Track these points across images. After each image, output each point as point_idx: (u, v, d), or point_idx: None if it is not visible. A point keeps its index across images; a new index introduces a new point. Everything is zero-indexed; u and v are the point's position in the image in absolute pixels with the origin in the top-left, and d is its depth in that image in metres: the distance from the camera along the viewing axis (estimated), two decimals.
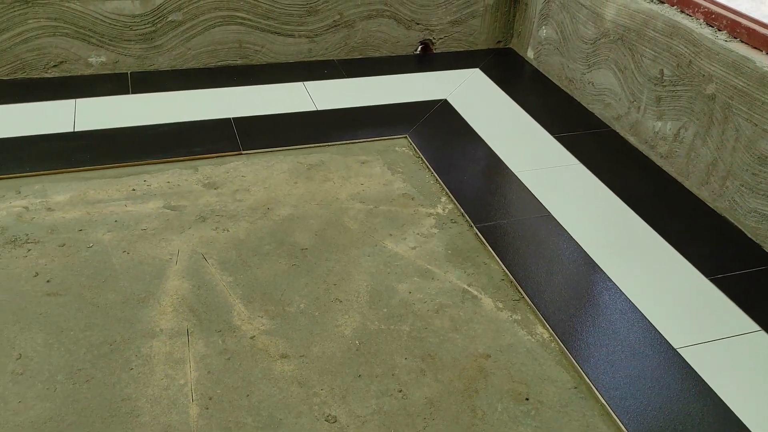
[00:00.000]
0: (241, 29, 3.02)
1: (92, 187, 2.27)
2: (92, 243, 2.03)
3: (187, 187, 2.31)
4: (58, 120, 2.60)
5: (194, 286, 1.91)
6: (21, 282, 1.87)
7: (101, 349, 1.69)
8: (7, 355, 1.66)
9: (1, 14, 2.69)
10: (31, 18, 2.73)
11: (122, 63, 2.95)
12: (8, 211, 2.13)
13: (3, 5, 2.67)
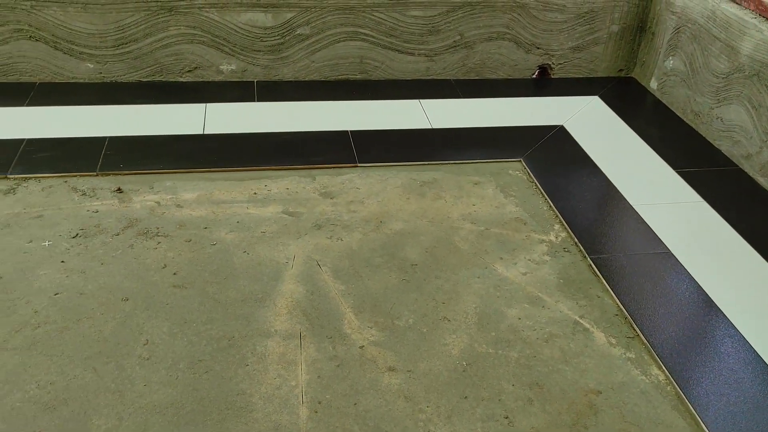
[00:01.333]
0: (364, 45, 3.10)
1: (218, 188, 2.39)
2: (216, 241, 2.14)
3: (304, 195, 2.39)
4: (189, 122, 2.76)
5: (308, 291, 1.97)
6: (151, 272, 2.00)
7: (220, 343, 1.78)
8: (136, 340, 1.77)
9: (147, 20, 2.89)
10: (173, 25, 2.92)
11: (250, 72, 3.10)
12: (142, 205, 2.28)
13: (149, 12, 2.87)
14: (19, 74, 2.94)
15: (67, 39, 2.88)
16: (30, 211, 2.20)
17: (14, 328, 1.77)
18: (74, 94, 2.88)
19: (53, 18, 2.82)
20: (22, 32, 2.84)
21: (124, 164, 2.45)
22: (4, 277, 1.93)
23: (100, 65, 2.97)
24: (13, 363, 1.67)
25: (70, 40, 2.89)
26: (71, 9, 2.81)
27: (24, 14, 2.79)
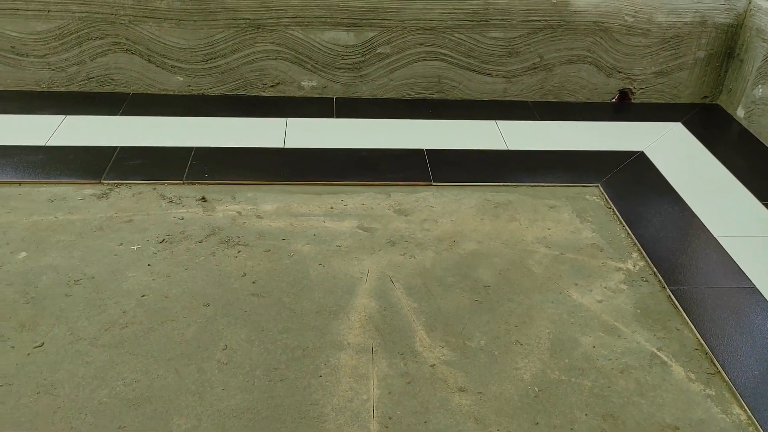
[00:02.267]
0: (442, 65, 3.13)
1: (296, 201, 2.46)
2: (293, 252, 2.20)
3: (379, 211, 2.43)
4: (271, 136, 2.85)
5: (381, 306, 1.99)
6: (231, 279, 2.07)
7: (295, 352, 1.82)
8: (216, 344, 1.83)
9: (235, 37, 3.01)
10: (259, 42, 3.03)
11: (330, 89, 3.18)
12: (224, 214, 2.36)
13: (238, 29, 2.99)
14: (114, 85, 3.11)
15: (161, 53, 3.03)
16: (121, 216, 2.32)
17: (104, 327, 1.87)
18: (164, 106, 3.03)
19: (149, 33, 2.98)
20: (119, 45, 3.01)
21: (208, 174, 2.56)
22: (96, 277, 2.04)
23: (190, 78, 3.11)
24: (102, 359, 1.76)
25: (163, 54, 3.04)
26: (166, 24, 2.96)
27: (122, 28, 2.96)
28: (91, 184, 2.47)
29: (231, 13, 2.95)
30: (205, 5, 2.92)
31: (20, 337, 1.82)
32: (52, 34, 2.95)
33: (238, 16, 2.96)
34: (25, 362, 1.74)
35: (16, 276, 2.02)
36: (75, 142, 2.70)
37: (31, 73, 3.04)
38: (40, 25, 2.92)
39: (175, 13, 2.93)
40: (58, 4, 2.88)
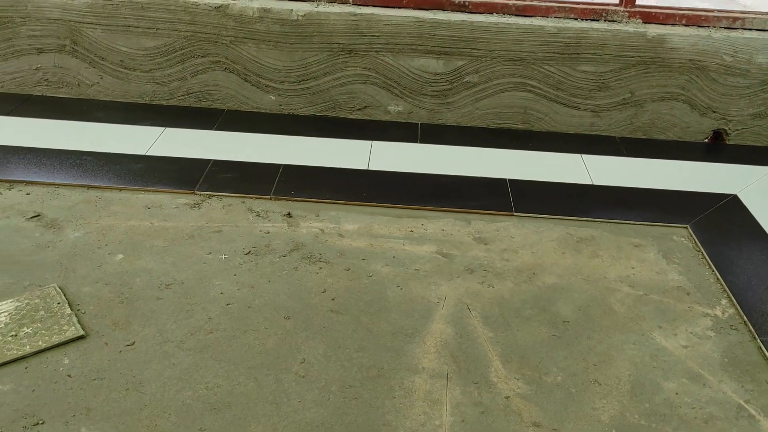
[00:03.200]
0: (529, 96, 3.13)
1: (377, 222, 2.50)
2: (372, 273, 2.23)
3: (458, 238, 2.44)
4: (355, 157, 2.91)
5: (457, 333, 1.99)
6: (311, 295, 2.12)
7: (370, 371, 1.85)
8: (294, 357, 1.88)
9: (328, 60, 3.11)
10: (351, 66, 3.12)
11: (415, 114, 3.23)
12: (308, 231, 2.43)
13: (331, 53, 3.09)
14: (211, 101, 3.26)
15: (256, 73, 3.16)
16: (211, 226, 2.42)
17: (190, 331, 1.95)
18: (256, 123, 3.15)
19: (247, 53, 3.12)
20: (219, 64, 3.16)
21: (294, 191, 2.64)
22: (186, 283, 2.14)
23: (282, 98, 3.22)
24: (187, 362, 1.84)
25: (258, 74, 3.17)
26: (264, 46, 3.10)
27: (223, 48, 3.11)
28: (185, 194, 2.60)
29: (326, 37, 3.05)
30: (302, 29, 3.04)
31: (113, 334, 1.92)
32: (159, 51, 3.13)
33: (332, 41, 3.06)
34: (116, 359, 1.84)
35: (113, 276, 2.14)
36: (172, 153, 2.85)
37: (137, 86, 3.24)
38: (149, 41, 3.11)
39: (274, 35, 3.06)
40: (166, 23, 3.06)
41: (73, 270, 2.15)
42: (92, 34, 3.11)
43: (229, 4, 3.02)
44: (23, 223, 2.36)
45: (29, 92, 3.28)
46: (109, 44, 3.13)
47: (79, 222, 2.38)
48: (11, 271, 2.13)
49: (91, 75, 3.22)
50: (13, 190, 2.54)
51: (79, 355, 1.84)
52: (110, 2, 3.02)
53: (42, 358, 1.82)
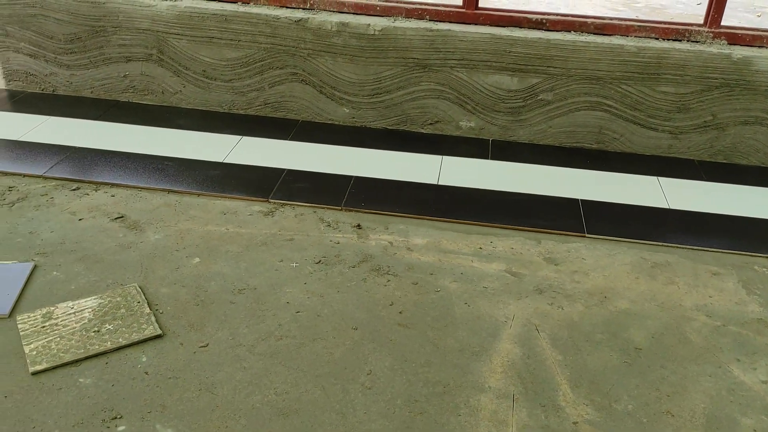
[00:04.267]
0: (605, 116, 3.08)
1: (445, 237, 2.50)
2: (440, 288, 2.24)
3: (528, 257, 2.41)
4: (426, 171, 2.93)
5: (524, 354, 1.97)
6: (379, 307, 2.14)
7: (436, 387, 1.85)
8: (361, 368, 1.90)
9: (402, 75, 3.14)
10: (425, 81, 3.14)
11: (487, 130, 3.22)
12: (377, 243, 2.45)
13: (406, 68, 3.12)
14: (286, 111, 3.34)
15: (332, 85, 3.23)
16: (284, 234, 2.48)
17: (261, 336, 2.00)
18: (329, 134, 3.21)
19: (324, 66, 3.19)
20: (296, 76, 3.24)
21: (365, 203, 2.67)
22: (258, 289, 2.19)
23: (355, 111, 3.27)
24: (257, 367, 1.88)
25: (333, 86, 3.23)
26: (340, 59, 3.16)
27: (301, 60, 3.19)
28: (259, 201, 2.67)
29: (401, 52, 3.09)
30: (379, 43, 3.08)
31: (189, 335, 1.99)
32: (239, 62, 3.24)
33: (407, 56, 3.09)
34: (191, 359, 1.90)
35: (190, 279, 2.22)
36: (248, 161, 2.93)
37: (217, 96, 3.35)
38: (231, 52, 3.22)
39: (350, 49, 3.12)
40: (247, 35, 3.16)
41: (152, 271, 2.24)
42: (178, 44, 3.24)
43: (309, 18, 3.10)
44: (108, 224, 2.47)
45: (117, 98, 3.44)
46: (193, 54, 3.25)
47: (159, 225, 2.48)
48: (95, 269, 2.23)
49: (174, 83, 3.35)
50: (99, 191, 2.67)
51: (156, 354, 1.91)
52: (197, 14, 3.14)
53: (121, 355, 1.90)
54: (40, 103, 3.35)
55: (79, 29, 3.27)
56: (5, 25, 3.31)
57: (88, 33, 3.27)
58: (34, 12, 3.26)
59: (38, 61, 3.39)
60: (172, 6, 3.16)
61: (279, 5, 3.19)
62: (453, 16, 3.09)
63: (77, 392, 1.77)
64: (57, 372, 1.83)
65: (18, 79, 3.46)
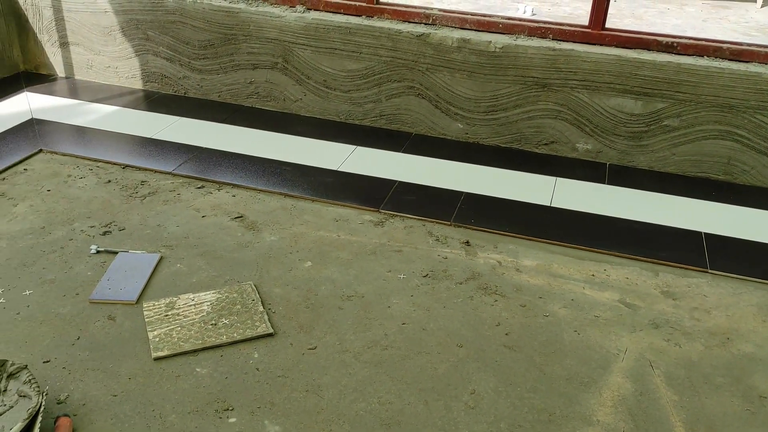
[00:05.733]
0: (735, 146, 2.91)
1: (556, 261, 2.45)
2: (548, 313, 2.19)
3: (644, 289, 2.31)
4: (538, 192, 2.88)
5: (637, 390, 1.89)
6: (485, 327, 2.12)
7: (541, 415, 1.80)
8: (464, 387, 1.89)
9: (520, 93, 3.11)
10: (543, 100, 3.10)
11: (605, 154, 3.12)
12: (485, 261, 2.43)
13: (524, 86, 3.09)
14: (401, 124, 3.39)
15: (447, 100, 3.24)
16: (392, 245, 2.50)
17: (367, 344, 2.03)
18: (442, 149, 3.22)
19: (441, 81, 3.21)
20: (413, 89, 3.28)
21: (475, 220, 2.66)
22: (365, 297, 2.23)
23: (469, 127, 3.27)
24: (363, 374, 1.91)
25: (449, 101, 3.24)
26: (458, 75, 3.16)
27: (419, 74, 3.23)
28: (370, 211, 2.71)
29: (521, 70, 3.05)
30: (498, 61, 3.07)
31: (298, 336, 2.04)
32: (359, 74, 3.32)
33: (527, 74, 3.06)
34: (299, 360, 1.95)
35: (301, 282, 2.29)
36: (361, 171, 2.99)
37: (335, 105, 3.44)
38: (351, 64, 3.31)
39: (469, 65, 3.12)
40: (369, 48, 3.23)
41: (267, 271, 2.33)
42: (302, 54, 3.36)
43: (430, 33, 3.13)
44: (228, 222, 2.59)
45: (241, 103, 3.61)
46: (315, 64, 3.36)
47: (275, 227, 2.58)
48: (215, 265, 2.35)
49: (296, 91, 3.48)
50: (221, 191, 2.81)
51: (267, 351, 1.98)
52: (322, 26, 3.25)
53: (235, 349, 1.98)
54: (172, 104, 3.57)
55: (213, 36, 3.46)
56: (147, 30, 3.56)
57: (221, 40, 3.46)
58: (174, 19, 3.48)
59: (173, 65, 3.62)
60: (300, 17, 3.28)
61: (402, 20, 3.24)
62: (577, 36, 3.03)
63: (194, 381, 1.86)
64: (176, 360, 1.93)
65: (154, 80, 3.71)
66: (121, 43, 3.64)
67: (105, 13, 3.59)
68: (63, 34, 3.74)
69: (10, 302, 2.11)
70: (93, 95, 3.63)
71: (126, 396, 1.80)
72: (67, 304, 2.12)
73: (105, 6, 3.57)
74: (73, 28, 3.70)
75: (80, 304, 2.12)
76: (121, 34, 3.62)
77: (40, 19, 3.74)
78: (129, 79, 3.74)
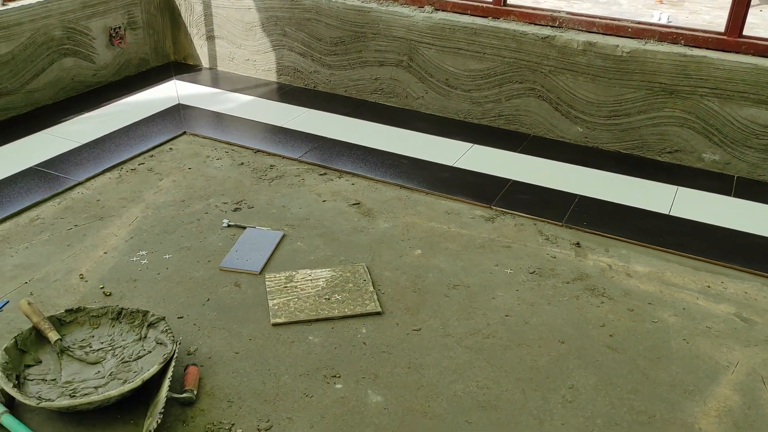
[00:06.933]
0: None
1: (670, 270, 2.40)
2: (657, 319, 2.15)
3: (764, 305, 2.22)
4: (656, 200, 2.82)
5: (745, 404, 1.83)
6: (589, 326, 2.12)
7: (640, 416, 1.80)
8: (563, 381, 1.91)
9: (645, 99, 3.05)
10: (669, 107, 3.02)
11: (733, 166, 3.00)
12: (595, 263, 2.43)
13: (650, 92, 3.03)
14: (519, 125, 3.41)
15: (568, 103, 3.23)
16: (502, 240, 2.55)
17: (469, 331, 2.10)
18: (558, 151, 3.22)
19: (563, 83, 3.20)
20: (534, 91, 3.30)
21: (587, 222, 2.65)
22: (471, 287, 2.30)
23: (588, 131, 3.24)
24: (463, 359, 1.98)
25: (570, 104, 3.23)
26: (581, 78, 3.15)
27: (541, 77, 3.24)
28: (481, 206, 2.77)
29: (648, 75, 3.00)
30: (625, 65, 3.02)
31: (404, 318, 2.15)
32: (481, 74, 3.38)
33: (654, 80, 2.99)
34: (404, 339, 2.06)
35: (410, 268, 2.39)
36: (476, 168, 3.06)
37: (455, 104, 3.53)
38: (474, 64, 3.38)
39: (594, 69, 3.10)
40: (493, 49, 3.29)
41: (379, 255, 2.45)
42: (427, 53, 3.47)
43: (556, 36, 3.14)
44: (346, 208, 2.75)
45: (365, 98, 3.78)
46: (439, 63, 3.46)
47: (389, 215, 2.70)
48: (331, 246, 2.50)
49: (418, 89, 3.60)
50: (342, 178, 2.97)
51: (374, 328, 2.10)
52: (449, 26, 3.35)
53: (345, 323, 2.12)
54: (302, 97, 3.80)
55: (344, 34, 3.65)
56: (285, 27, 3.81)
57: (351, 37, 3.64)
58: (310, 16, 3.71)
59: (306, 60, 3.84)
60: (427, 17, 3.40)
61: (528, 21, 3.27)
62: (711, 43, 2.93)
63: (306, 348, 2.01)
64: (292, 327, 2.09)
65: (287, 74, 3.96)
66: (260, 38, 3.92)
67: (248, 10, 3.88)
68: (210, 28, 4.07)
69: (153, 263, 2.37)
70: (232, 85, 3.94)
71: (246, 354, 1.98)
72: (200, 269, 2.35)
73: (249, 3, 3.86)
74: (220, 22, 4.03)
75: (211, 270, 2.34)
76: (261, 29, 3.89)
77: (191, 13, 4.10)
78: (265, 72, 4.01)
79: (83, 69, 3.73)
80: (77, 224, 2.57)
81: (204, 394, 1.83)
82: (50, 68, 3.54)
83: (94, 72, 3.80)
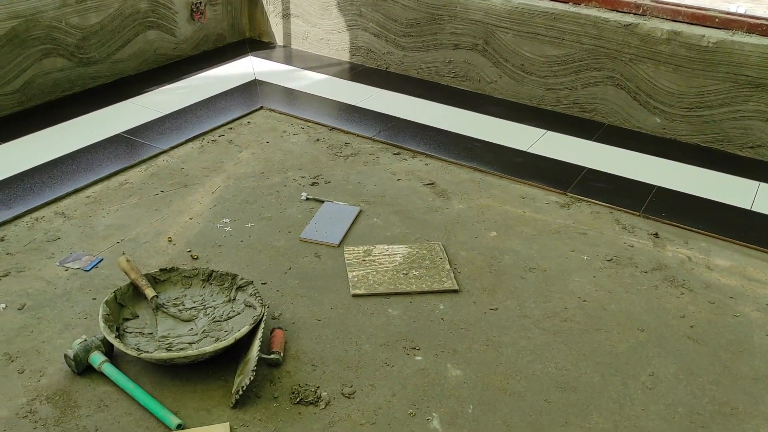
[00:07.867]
0: None
1: (752, 265, 2.35)
2: (739, 313, 2.12)
3: None
4: (737, 195, 2.76)
5: None
6: (668, 316, 2.11)
7: (722, 408, 1.78)
8: (643, 368, 1.91)
9: (729, 91, 2.98)
10: (754, 101, 2.94)
11: None
12: (674, 254, 2.40)
13: (735, 84, 2.95)
14: (594, 113, 3.38)
15: (647, 93, 3.18)
16: (577, 227, 2.54)
17: (546, 314, 2.11)
18: (635, 141, 3.18)
19: (643, 72, 3.15)
20: (612, 79, 3.25)
21: (666, 213, 2.61)
22: (548, 271, 2.30)
23: (667, 122, 3.19)
24: (541, 340, 2.00)
25: (649, 94, 3.18)
26: (662, 68, 3.09)
27: (621, 65, 3.20)
28: (557, 193, 2.76)
29: (734, 67, 2.93)
30: (710, 56, 2.96)
31: (481, 297, 2.17)
32: (558, 60, 3.35)
33: (740, 72, 2.92)
34: (481, 318, 2.08)
35: (486, 249, 2.41)
36: (550, 154, 3.04)
37: (529, 89, 3.51)
38: (552, 50, 3.35)
39: (677, 58, 3.04)
40: (572, 35, 3.26)
41: (454, 235, 2.48)
42: (503, 37, 3.46)
43: (639, 24, 3.09)
44: (420, 187, 2.77)
45: (438, 81, 3.79)
46: (515, 48, 3.45)
47: (463, 196, 2.72)
48: (407, 224, 2.53)
49: (492, 73, 3.59)
50: (416, 159, 3.00)
51: (451, 305, 2.13)
52: (527, 10, 3.32)
53: (422, 298, 2.15)
54: (374, 77, 3.83)
55: (420, 15, 3.66)
56: (361, 7, 3.84)
57: (427, 19, 3.65)
58: None
59: (380, 41, 3.87)
60: (506, 1, 3.38)
61: (610, 8, 3.22)
62: None
63: (386, 319, 2.06)
64: (371, 299, 2.14)
65: (360, 54, 3.99)
66: (336, 17, 3.96)
67: None
68: (286, 6, 4.13)
69: (236, 231, 2.45)
70: (306, 63, 3.99)
71: (327, 322, 2.03)
72: (281, 239, 2.41)
73: None
74: (296, 1, 4.08)
75: (291, 241, 2.40)
76: (337, 9, 3.93)
77: None
78: (338, 51, 4.06)
79: (165, 42, 3.84)
80: (163, 190, 2.67)
81: (289, 357, 1.89)
82: (135, 40, 3.66)
83: (175, 45, 3.91)
